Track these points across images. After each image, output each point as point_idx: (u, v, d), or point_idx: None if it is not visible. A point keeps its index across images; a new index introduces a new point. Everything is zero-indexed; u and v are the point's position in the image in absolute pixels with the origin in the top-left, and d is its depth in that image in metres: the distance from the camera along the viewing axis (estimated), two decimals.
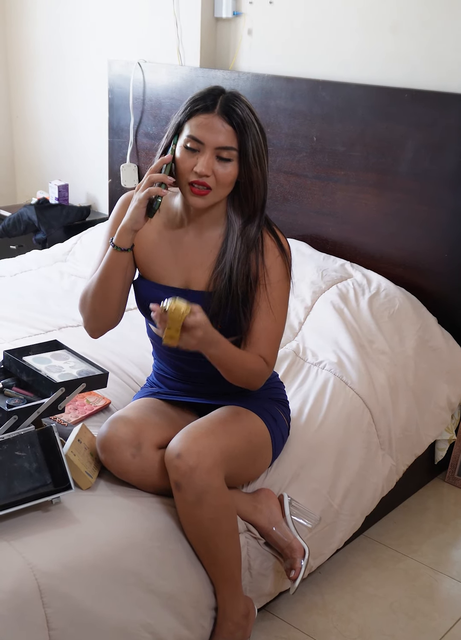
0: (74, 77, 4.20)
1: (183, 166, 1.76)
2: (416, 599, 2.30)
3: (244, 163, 1.76)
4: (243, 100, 1.78)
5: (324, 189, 3.10)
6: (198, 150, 1.74)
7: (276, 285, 1.86)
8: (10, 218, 4.02)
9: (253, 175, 1.78)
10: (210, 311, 1.82)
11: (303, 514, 2.06)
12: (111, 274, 1.84)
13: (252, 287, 1.85)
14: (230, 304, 1.84)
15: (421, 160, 2.81)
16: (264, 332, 1.86)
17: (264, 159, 1.80)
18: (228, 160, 1.75)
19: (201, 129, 1.74)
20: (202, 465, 1.73)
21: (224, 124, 1.73)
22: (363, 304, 2.76)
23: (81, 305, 1.94)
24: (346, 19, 3.05)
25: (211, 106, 1.74)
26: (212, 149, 1.73)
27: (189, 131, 1.75)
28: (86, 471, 1.81)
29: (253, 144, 1.75)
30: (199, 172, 1.73)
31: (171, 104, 3.54)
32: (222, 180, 1.75)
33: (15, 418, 1.73)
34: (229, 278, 1.83)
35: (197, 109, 1.75)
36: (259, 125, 1.78)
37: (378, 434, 2.40)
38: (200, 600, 1.85)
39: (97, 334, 1.98)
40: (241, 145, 1.75)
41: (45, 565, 1.58)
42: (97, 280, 1.86)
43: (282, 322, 1.90)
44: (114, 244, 1.81)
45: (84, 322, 1.96)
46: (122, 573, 1.69)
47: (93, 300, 1.89)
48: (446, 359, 2.76)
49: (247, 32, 3.37)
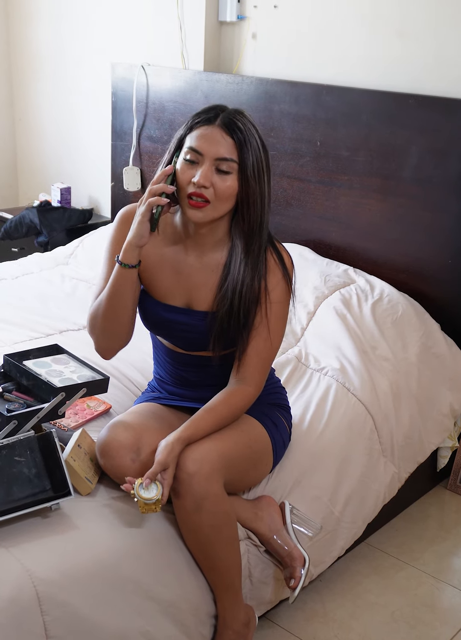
0: (77, 79, 4.20)
1: (182, 178, 1.73)
2: (417, 607, 2.28)
3: (243, 177, 1.73)
4: (245, 116, 1.76)
5: (328, 193, 3.09)
6: (198, 162, 1.72)
7: (276, 306, 1.86)
8: (12, 220, 4.02)
9: (250, 190, 1.74)
10: (213, 334, 1.82)
11: (304, 522, 2.05)
12: (120, 291, 1.82)
13: (254, 309, 1.83)
14: (232, 327, 1.83)
15: (425, 165, 2.80)
16: (259, 358, 1.86)
17: (264, 176, 1.76)
18: (228, 173, 1.72)
19: (201, 140, 1.72)
20: (201, 471, 1.72)
21: (224, 136, 1.71)
22: (366, 309, 2.74)
23: (91, 327, 1.91)
24: (351, 24, 3.04)
25: (212, 118, 1.73)
26: (211, 160, 1.71)
27: (189, 143, 1.74)
28: (86, 477, 1.79)
29: (253, 158, 1.73)
30: (197, 182, 1.70)
31: (174, 107, 3.53)
32: (221, 193, 1.72)
33: (15, 423, 1.72)
34: (231, 302, 1.81)
35: (198, 122, 1.74)
36: (261, 142, 1.76)
37: (380, 440, 2.39)
38: (200, 608, 1.83)
39: (110, 355, 1.96)
40: (240, 158, 1.72)
41: (44, 573, 1.57)
42: (107, 299, 1.83)
43: (277, 344, 1.90)
44: (121, 262, 1.79)
45: (96, 344, 1.93)
46: (122, 580, 1.68)
47: (104, 319, 1.86)
48: (450, 366, 2.75)
49: (251, 36, 3.37)
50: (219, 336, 1.84)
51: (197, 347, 1.92)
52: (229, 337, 1.84)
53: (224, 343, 1.86)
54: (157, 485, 1.69)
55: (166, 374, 2.05)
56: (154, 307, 1.90)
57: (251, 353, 1.85)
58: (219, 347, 1.85)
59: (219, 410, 1.83)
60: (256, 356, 1.85)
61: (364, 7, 2.99)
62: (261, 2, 3.29)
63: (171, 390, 2.04)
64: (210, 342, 1.85)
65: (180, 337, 1.92)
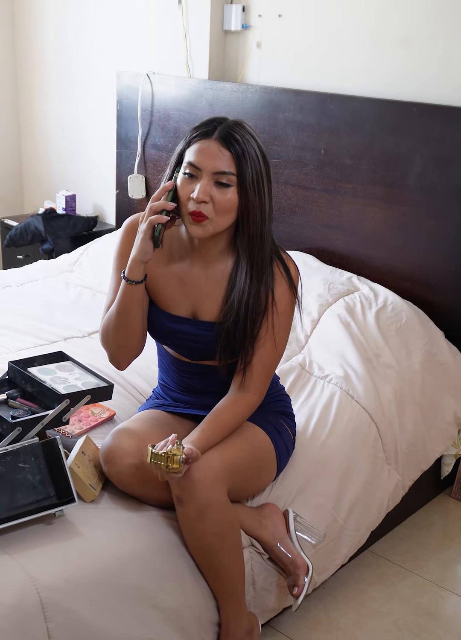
0: (82, 87, 4.22)
1: (182, 193, 1.73)
2: (421, 615, 2.28)
3: (242, 190, 1.72)
4: (244, 127, 1.74)
5: (332, 201, 3.10)
6: (197, 177, 1.72)
7: (282, 316, 1.86)
8: (18, 228, 4.03)
9: (249, 203, 1.73)
10: (219, 344, 1.83)
11: (308, 530, 2.04)
12: (128, 307, 1.83)
13: (260, 320, 1.84)
14: (238, 337, 1.83)
15: (429, 173, 2.81)
16: (263, 368, 1.87)
17: (264, 188, 1.75)
18: (227, 186, 1.71)
19: (198, 154, 1.71)
20: (205, 479, 1.72)
21: (222, 149, 1.70)
22: (370, 317, 2.75)
23: (104, 341, 1.92)
24: (355, 33, 3.05)
25: (210, 132, 1.72)
26: (209, 175, 1.70)
27: (187, 158, 1.73)
28: (90, 484, 1.80)
29: (252, 171, 1.71)
30: (196, 197, 1.69)
31: (179, 115, 3.55)
32: (221, 207, 1.72)
33: (20, 429, 1.72)
34: (237, 312, 1.82)
35: (196, 136, 1.73)
36: (261, 153, 1.74)
37: (384, 448, 2.39)
38: (203, 615, 1.83)
39: (124, 366, 1.97)
40: (239, 170, 1.71)
41: (48, 579, 1.57)
42: (116, 314, 1.85)
43: (282, 353, 1.91)
44: (127, 278, 1.79)
45: (110, 356, 1.94)
46: (125, 587, 1.68)
47: (115, 334, 1.87)
48: (453, 374, 2.75)
49: (256, 45, 3.38)
50: (226, 346, 1.84)
51: (202, 357, 1.93)
52: (236, 347, 1.85)
53: (231, 353, 1.86)
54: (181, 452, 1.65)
55: (171, 381, 2.05)
56: (160, 317, 1.91)
57: (255, 363, 1.85)
58: (225, 357, 1.86)
59: (225, 420, 1.83)
60: (260, 366, 1.86)
61: (368, 16, 3.00)
62: (266, 12, 3.31)
63: (175, 397, 2.05)
64: (216, 353, 1.86)
65: (186, 347, 1.93)
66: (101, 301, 3.05)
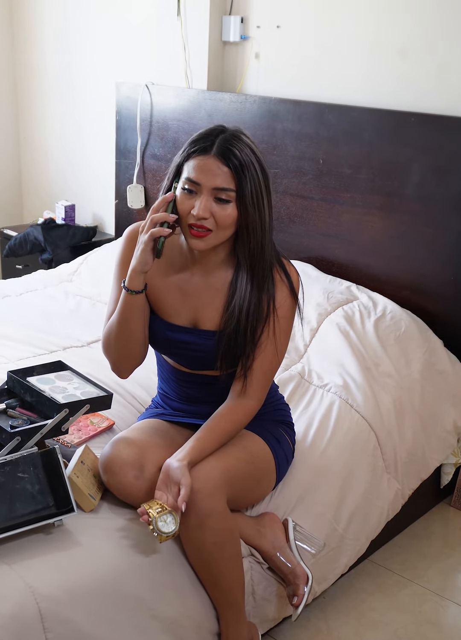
0: (81, 98, 4.23)
1: (182, 208, 1.73)
2: (421, 625, 2.27)
3: (241, 205, 1.72)
4: (242, 140, 1.73)
5: (331, 211, 3.11)
6: (196, 192, 1.72)
7: (283, 321, 1.86)
8: (17, 238, 4.04)
9: (249, 218, 1.73)
10: (220, 352, 1.83)
11: (307, 540, 2.04)
12: (129, 316, 1.83)
13: (261, 327, 1.84)
14: (239, 345, 1.83)
15: (427, 183, 2.81)
16: (263, 374, 1.87)
17: (263, 202, 1.74)
18: (227, 202, 1.71)
19: (197, 171, 1.70)
20: (204, 488, 1.72)
21: (221, 166, 1.70)
22: (369, 326, 2.75)
23: (105, 350, 1.92)
24: (354, 43, 3.07)
25: (208, 147, 1.71)
26: (209, 191, 1.70)
27: (186, 173, 1.73)
28: (89, 493, 1.79)
29: (252, 185, 1.71)
30: (197, 214, 1.70)
31: (178, 126, 3.56)
32: (221, 222, 1.72)
33: (19, 439, 1.72)
34: (238, 320, 1.82)
35: (194, 151, 1.72)
36: (260, 166, 1.73)
37: (383, 457, 2.39)
38: (202, 625, 1.82)
39: (126, 375, 1.97)
40: (238, 186, 1.70)
41: (47, 589, 1.57)
42: (117, 324, 1.85)
43: (282, 359, 1.91)
44: (127, 288, 1.80)
45: (112, 365, 1.94)
46: (124, 597, 1.67)
47: (117, 343, 1.88)
48: (453, 383, 2.75)
49: (254, 55, 3.40)
50: (226, 355, 1.84)
51: (202, 367, 1.93)
52: (236, 354, 1.85)
53: (231, 361, 1.86)
54: (174, 516, 1.68)
55: (171, 390, 2.05)
56: (160, 326, 1.91)
57: (256, 368, 1.85)
58: (226, 366, 1.86)
59: (222, 427, 1.83)
60: (260, 371, 1.86)
61: (366, 27, 3.02)
62: (264, 23, 3.32)
63: (175, 406, 2.05)
64: (217, 361, 1.86)
65: (185, 356, 1.93)
66: (100, 311, 3.05)
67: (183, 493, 1.68)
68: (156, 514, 1.66)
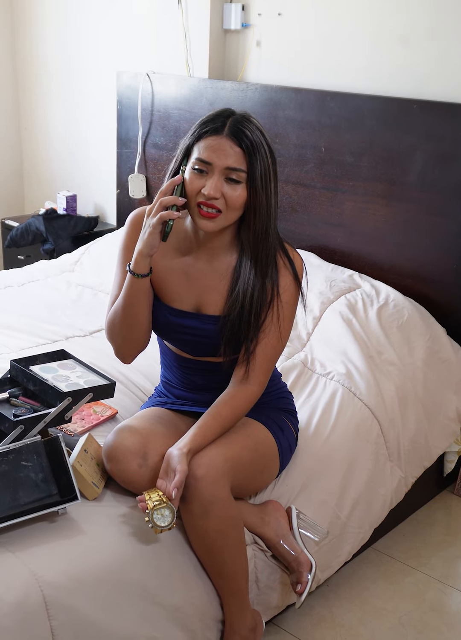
0: (82, 88, 4.22)
1: (191, 187, 1.73)
2: (425, 612, 2.27)
3: (251, 186, 1.72)
4: (253, 122, 1.74)
5: (333, 199, 3.10)
6: (207, 172, 1.72)
7: (286, 306, 1.86)
8: (19, 228, 4.04)
9: (257, 200, 1.73)
10: (224, 338, 1.83)
11: (311, 527, 2.04)
12: (134, 300, 1.83)
13: (265, 312, 1.84)
14: (243, 330, 1.83)
15: (430, 170, 2.80)
16: (266, 359, 1.86)
17: (271, 184, 1.75)
18: (238, 182, 1.71)
19: (209, 150, 1.70)
20: (208, 476, 1.72)
21: (233, 146, 1.70)
22: (372, 314, 2.75)
23: (109, 335, 1.92)
24: (355, 30, 3.05)
25: (219, 128, 1.71)
26: (220, 171, 1.70)
27: (197, 154, 1.72)
28: (92, 481, 1.80)
29: (262, 167, 1.71)
30: (208, 194, 1.69)
31: (179, 114, 3.55)
32: (232, 203, 1.72)
33: (22, 428, 1.72)
34: (242, 304, 1.81)
35: (205, 131, 1.72)
36: (269, 148, 1.74)
37: (386, 445, 2.39)
38: (206, 612, 1.83)
39: (130, 359, 1.97)
40: (249, 167, 1.71)
41: (51, 577, 1.57)
42: (122, 308, 1.85)
43: (285, 344, 1.91)
44: (132, 272, 1.79)
45: (115, 350, 1.94)
46: (128, 585, 1.68)
47: (121, 327, 1.87)
48: (456, 370, 2.75)
49: (256, 43, 3.38)
50: (230, 340, 1.84)
51: (205, 353, 1.92)
52: (240, 340, 1.84)
53: (235, 347, 1.86)
54: (171, 509, 1.68)
55: (174, 378, 2.05)
56: (164, 311, 1.91)
57: (259, 353, 1.85)
58: (229, 352, 1.86)
59: (224, 414, 1.83)
60: (263, 357, 1.86)
61: (367, 14, 3.00)
62: (265, 10, 3.31)
63: (178, 394, 2.04)
64: (221, 346, 1.85)
65: (189, 342, 1.92)
66: (102, 301, 3.05)
67: (176, 479, 1.68)
68: (153, 505, 1.66)
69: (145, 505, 1.68)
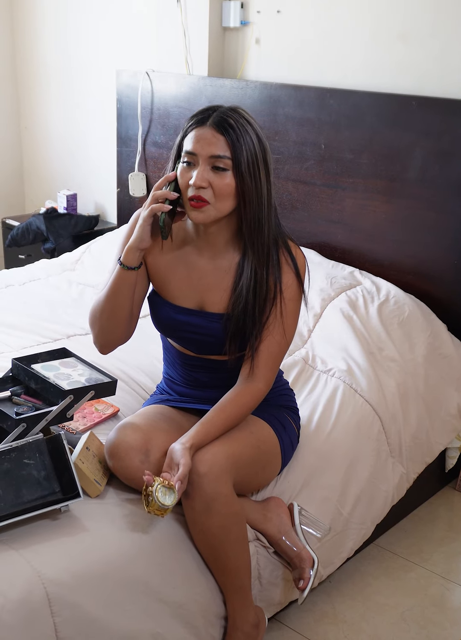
0: (82, 86, 4.22)
1: (182, 181, 1.75)
2: (427, 608, 2.28)
3: (237, 174, 1.72)
4: (239, 112, 1.75)
5: (333, 196, 3.10)
6: (194, 164, 1.73)
7: (290, 303, 1.86)
8: (19, 227, 4.04)
9: (245, 187, 1.73)
10: (228, 335, 1.84)
11: (313, 524, 2.05)
12: (118, 291, 1.84)
13: (269, 308, 1.84)
14: (247, 326, 1.83)
15: (429, 167, 2.80)
16: (271, 356, 1.87)
17: (260, 172, 1.74)
18: (225, 170, 1.72)
19: (193, 141, 1.73)
20: (211, 473, 1.72)
21: (216, 134, 1.71)
22: (373, 311, 2.75)
23: (91, 321, 1.93)
24: (354, 27, 3.05)
25: (204, 119, 1.74)
26: (205, 160, 1.71)
27: (185, 147, 1.75)
28: (95, 479, 1.80)
29: (247, 154, 1.72)
30: (194, 183, 1.71)
31: (179, 112, 3.55)
32: (219, 191, 1.72)
33: (24, 426, 1.73)
34: (246, 300, 1.82)
35: (191, 124, 1.75)
36: (257, 137, 1.75)
37: (388, 441, 2.39)
38: (209, 609, 1.83)
39: (106, 350, 1.98)
40: (234, 155, 1.71)
41: (54, 574, 1.57)
42: (105, 297, 1.87)
43: (290, 341, 1.91)
44: (121, 263, 1.81)
45: (94, 337, 1.95)
46: (131, 582, 1.68)
47: (101, 316, 1.89)
48: (457, 366, 2.75)
49: (255, 41, 3.38)
50: (234, 337, 1.84)
51: (208, 351, 1.93)
52: (245, 337, 1.85)
53: (239, 344, 1.86)
54: (175, 492, 1.68)
55: (177, 375, 2.05)
56: (167, 309, 1.91)
57: (263, 351, 1.85)
58: (234, 349, 1.86)
59: (228, 412, 1.83)
60: (268, 354, 1.86)
61: (366, 12, 3.00)
62: (264, 8, 3.31)
63: (180, 391, 2.05)
64: (226, 344, 1.86)
65: (192, 340, 1.93)
66: None
67: (180, 472, 1.69)
68: (158, 480, 1.67)
69: (151, 479, 1.67)
